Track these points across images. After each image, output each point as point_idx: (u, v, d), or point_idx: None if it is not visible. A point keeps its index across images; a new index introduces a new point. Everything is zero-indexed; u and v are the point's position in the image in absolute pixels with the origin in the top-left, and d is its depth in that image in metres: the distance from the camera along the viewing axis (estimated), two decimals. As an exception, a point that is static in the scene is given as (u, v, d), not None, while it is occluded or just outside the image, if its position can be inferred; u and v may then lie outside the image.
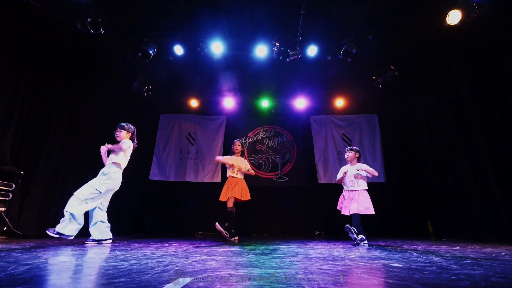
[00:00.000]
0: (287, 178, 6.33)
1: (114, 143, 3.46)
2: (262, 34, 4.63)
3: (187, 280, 1.12)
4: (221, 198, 4.15)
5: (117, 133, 3.47)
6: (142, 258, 1.80)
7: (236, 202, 4.13)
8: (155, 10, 4.20)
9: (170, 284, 1.06)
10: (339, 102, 6.58)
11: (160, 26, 4.56)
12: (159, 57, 4.89)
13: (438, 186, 4.86)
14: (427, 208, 5.32)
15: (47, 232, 2.84)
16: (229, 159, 4.37)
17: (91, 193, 3.05)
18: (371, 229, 4.61)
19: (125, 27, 4.53)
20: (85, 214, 3.10)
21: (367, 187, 3.46)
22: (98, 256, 1.95)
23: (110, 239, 3.17)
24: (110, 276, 1.19)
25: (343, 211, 3.48)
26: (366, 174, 3.48)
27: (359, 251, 2.46)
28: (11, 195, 3.52)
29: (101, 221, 3.17)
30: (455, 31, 4.14)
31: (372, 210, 3.29)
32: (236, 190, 4.09)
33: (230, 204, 4.03)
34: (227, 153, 6.66)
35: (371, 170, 3.44)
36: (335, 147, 6.39)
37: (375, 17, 4.30)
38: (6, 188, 3.48)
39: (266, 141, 6.65)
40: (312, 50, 4.77)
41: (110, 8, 4.05)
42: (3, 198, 3.43)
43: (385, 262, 1.71)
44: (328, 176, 6.14)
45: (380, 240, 3.85)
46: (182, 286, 1.03)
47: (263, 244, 3.17)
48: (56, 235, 2.85)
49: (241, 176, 4.31)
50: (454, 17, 3.88)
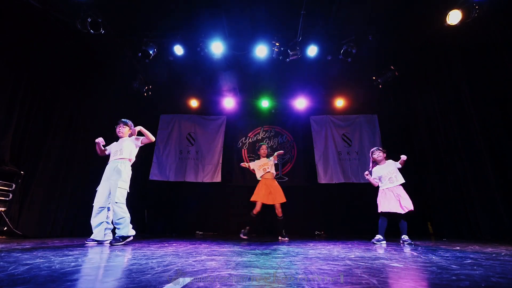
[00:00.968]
0: (287, 178, 6.32)
1: (114, 142, 3.46)
2: (262, 34, 4.62)
3: (187, 280, 1.12)
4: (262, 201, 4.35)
5: (120, 129, 3.41)
6: (142, 258, 1.80)
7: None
8: (155, 10, 4.20)
9: (170, 284, 1.06)
10: (339, 102, 6.58)
11: (160, 26, 4.56)
12: (159, 57, 4.88)
13: (438, 186, 4.85)
14: (427, 208, 5.32)
15: (112, 243, 2.85)
16: (255, 163, 4.65)
17: (123, 195, 3.11)
18: (371, 229, 4.61)
19: (125, 27, 4.53)
20: (89, 210, 3.15)
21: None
22: (98, 256, 1.95)
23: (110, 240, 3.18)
24: (110, 276, 1.19)
25: (392, 209, 3.42)
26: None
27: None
28: (11, 195, 3.52)
29: (106, 222, 3.19)
30: (455, 31, 4.14)
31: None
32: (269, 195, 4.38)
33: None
34: (227, 153, 6.76)
35: (403, 159, 3.49)
36: (335, 147, 6.38)
37: (375, 17, 4.30)
38: (6, 188, 3.48)
39: (266, 141, 6.64)
40: (312, 50, 4.76)
41: (110, 8, 4.05)
42: (3, 198, 3.43)
43: (385, 262, 1.71)
44: (328, 176, 6.12)
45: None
46: (182, 286, 1.03)
47: (263, 244, 3.17)
48: (130, 238, 3.01)
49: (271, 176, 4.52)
50: (454, 17, 3.88)
